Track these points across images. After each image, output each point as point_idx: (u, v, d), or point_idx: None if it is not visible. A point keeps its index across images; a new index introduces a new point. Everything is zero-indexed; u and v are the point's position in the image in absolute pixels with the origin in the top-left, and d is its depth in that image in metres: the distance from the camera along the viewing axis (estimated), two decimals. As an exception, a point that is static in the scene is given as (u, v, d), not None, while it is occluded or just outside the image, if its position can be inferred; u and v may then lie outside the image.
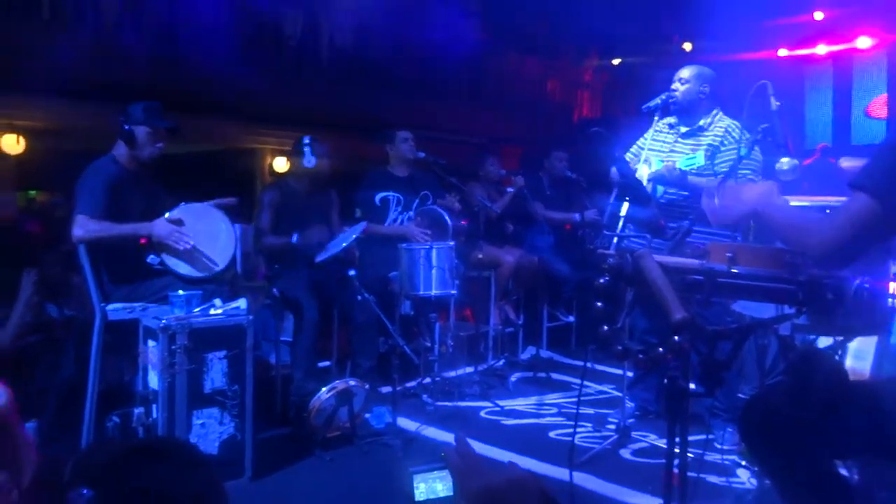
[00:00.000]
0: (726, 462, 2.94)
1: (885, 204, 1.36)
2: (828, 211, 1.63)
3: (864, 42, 7.23)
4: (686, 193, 3.26)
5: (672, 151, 3.40)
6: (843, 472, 1.60)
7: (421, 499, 1.20)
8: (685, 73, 3.41)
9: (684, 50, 7.39)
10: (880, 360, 2.10)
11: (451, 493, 1.15)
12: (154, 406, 2.73)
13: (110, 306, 3.06)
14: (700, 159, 3.26)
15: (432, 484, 1.21)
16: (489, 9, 7.18)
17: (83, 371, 3.00)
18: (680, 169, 3.24)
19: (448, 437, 3.40)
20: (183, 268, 3.18)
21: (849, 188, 1.40)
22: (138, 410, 2.79)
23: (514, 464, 0.94)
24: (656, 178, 3.30)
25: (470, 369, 4.44)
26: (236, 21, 6.15)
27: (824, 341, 1.98)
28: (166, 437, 2.50)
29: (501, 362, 4.70)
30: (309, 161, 4.00)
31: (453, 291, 3.84)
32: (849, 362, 2.13)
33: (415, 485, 1.22)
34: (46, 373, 3.11)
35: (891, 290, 1.64)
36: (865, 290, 1.49)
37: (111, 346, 3.10)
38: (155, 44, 5.72)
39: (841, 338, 1.93)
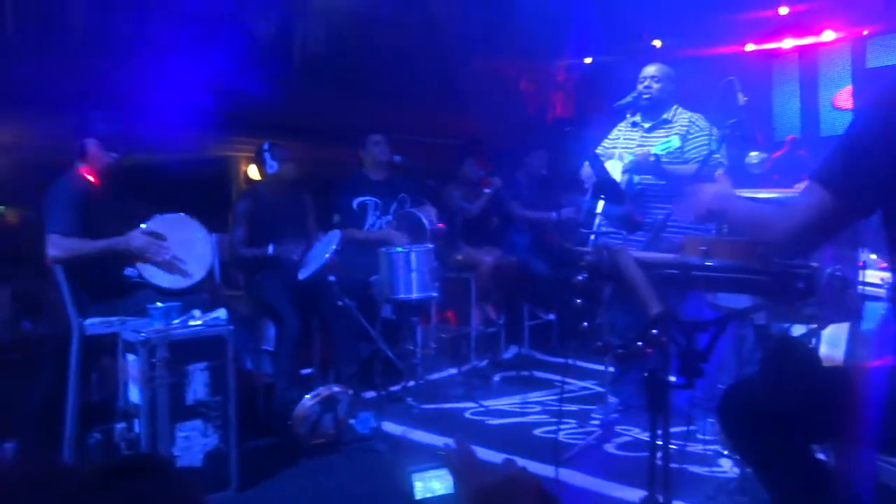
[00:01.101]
0: (708, 452, 2.98)
1: (838, 196, 1.40)
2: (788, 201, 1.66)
3: (828, 35, 7.38)
4: (662, 182, 3.34)
5: (641, 146, 3.47)
6: (821, 456, 1.63)
7: (419, 497, 1.23)
8: (655, 71, 3.48)
9: (654, 47, 7.47)
10: (853, 346, 2.15)
11: (449, 492, 1.17)
12: (136, 421, 2.70)
13: (88, 321, 3.03)
14: (676, 141, 3.31)
15: (429, 483, 1.24)
16: (461, 9, 7.20)
17: (62, 388, 2.96)
18: (655, 155, 3.31)
19: (434, 438, 3.41)
20: (161, 279, 3.16)
21: (808, 180, 1.44)
22: (120, 426, 2.76)
23: (510, 461, 0.95)
24: (632, 168, 3.36)
25: (453, 371, 4.45)
26: (207, 25, 6.09)
27: (798, 329, 2.02)
28: (145, 454, 2.48)
29: (484, 362, 4.73)
30: (271, 167, 3.99)
31: (434, 294, 3.85)
32: (823, 349, 2.18)
33: (413, 484, 1.25)
34: (24, 391, 3.07)
35: (860, 278, 1.69)
36: (836, 279, 1.53)
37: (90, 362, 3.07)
38: (122, 52, 5.65)
39: (814, 325, 1.97)
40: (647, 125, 3.53)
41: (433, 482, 1.26)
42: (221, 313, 2.90)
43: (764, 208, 1.56)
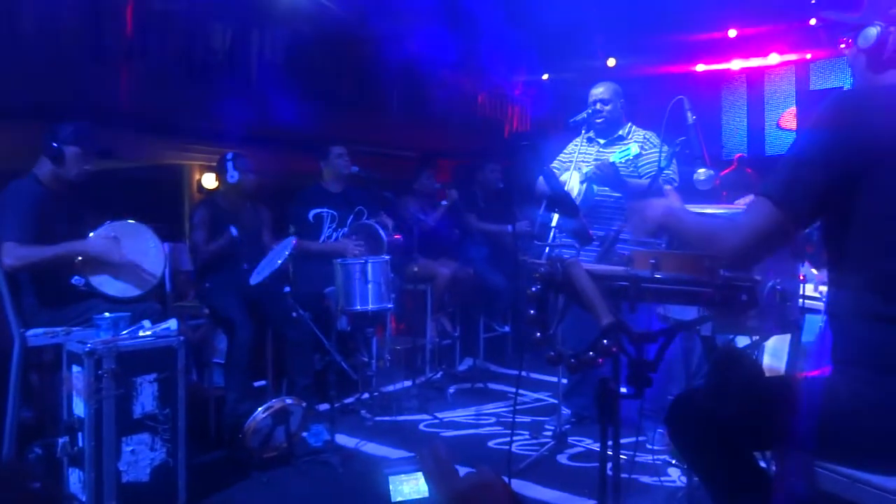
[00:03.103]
0: (657, 462, 3.04)
1: (784, 211, 1.46)
2: (734, 216, 1.72)
3: (774, 58, 7.68)
4: (618, 195, 3.41)
5: (598, 160, 3.54)
6: (763, 464, 1.68)
7: (395, 500, 1.24)
8: (602, 92, 3.56)
9: (608, 65, 7.64)
10: (793, 356, 2.23)
11: (421, 496, 1.19)
12: (80, 434, 2.62)
13: (30, 331, 2.93)
14: (635, 148, 3.37)
15: (399, 486, 1.25)
16: (421, 24, 7.26)
17: (1, 400, 2.85)
18: (612, 162, 3.36)
19: (388, 451, 3.39)
20: (110, 288, 3.08)
21: (755, 196, 1.50)
22: (63, 440, 2.67)
23: (483, 468, 0.97)
24: (591, 178, 3.42)
25: (408, 383, 4.44)
26: (162, 34, 6.00)
27: (743, 341, 2.08)
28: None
29: (439, 374, 4.72)
30: (232, 177, 3.96)
31: (390, 305, 3.84)
32: (765, 360, 2.25)
33: (389, 485, 1.25)
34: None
35: (801, 291, 1.75)
36: (777, 292, 1.59)
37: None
38: (76, 57, 5.52)
39: (757, 337, 2.04)
40: (602, 141, 3.61)
41: (405, 485, 1.27)
42: (172, 324, 2.84)
43: (712, 222, 1.60)
